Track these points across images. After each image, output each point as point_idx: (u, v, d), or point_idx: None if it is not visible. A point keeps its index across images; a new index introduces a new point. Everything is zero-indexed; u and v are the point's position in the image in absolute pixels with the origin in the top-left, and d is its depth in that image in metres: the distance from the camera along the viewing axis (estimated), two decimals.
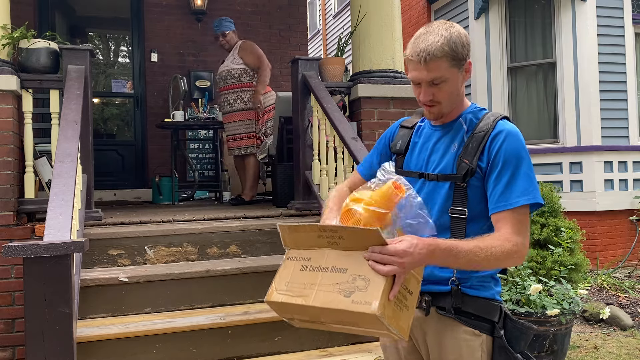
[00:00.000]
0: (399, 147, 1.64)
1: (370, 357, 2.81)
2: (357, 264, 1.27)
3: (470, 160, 1.44)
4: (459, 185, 1.46)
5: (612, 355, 3.72)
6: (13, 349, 3.23)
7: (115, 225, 3.54)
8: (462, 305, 1.45)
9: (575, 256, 3.84)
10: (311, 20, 13.50)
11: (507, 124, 1.48)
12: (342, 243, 1.30)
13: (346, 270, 1.28)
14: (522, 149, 1.45)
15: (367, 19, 4.14)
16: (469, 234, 1.45)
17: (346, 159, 3.44)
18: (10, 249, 2.01)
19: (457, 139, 1.51)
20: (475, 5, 6.91)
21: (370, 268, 1.25)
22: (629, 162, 6.36)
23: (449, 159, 1.50)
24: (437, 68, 1.42)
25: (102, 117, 7.05)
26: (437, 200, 1.49)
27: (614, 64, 6.37)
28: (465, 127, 1.51)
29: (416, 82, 1.48)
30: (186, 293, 3.05)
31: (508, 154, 1.42)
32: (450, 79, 1.45)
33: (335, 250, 1.31)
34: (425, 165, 1.55)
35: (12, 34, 3.43)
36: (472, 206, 1.46)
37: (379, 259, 1.24)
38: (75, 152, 2.79)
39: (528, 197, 1.40)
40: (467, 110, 1.55)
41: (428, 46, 1.41)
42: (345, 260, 1.29)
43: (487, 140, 1.45)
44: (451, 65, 1.43)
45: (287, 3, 7.40)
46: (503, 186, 1.41)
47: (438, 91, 1.46)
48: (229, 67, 4.92)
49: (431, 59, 1.41)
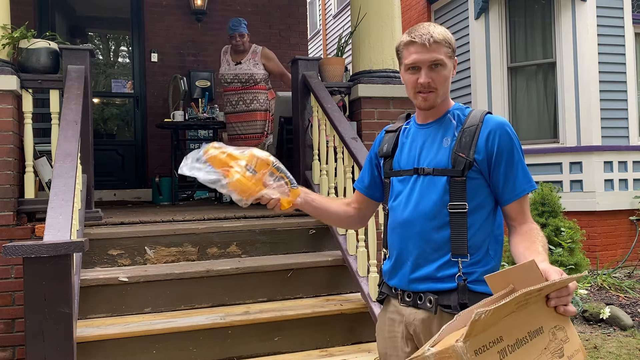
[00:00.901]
0: (386, 150, 1.67)
1: (370, 357, 2.81)
2: (544, 316, 1.12)
3: (467, 154, 1.48)
4: (456, 180, 1.48)
5: (612, 355, 3.72)
6: (13, 349, 3.23)
7: (115, 225, 3.54)
8: (468, 302, 1.45)
9: (575, 256, 3.84)
10: (311, 20, 13.50)
11: (496, 116, 1.55)
12: (533, 299, 1.10)
13: (542, 328, 1.11)
14: (516, 138, 1.54)
15: (367, 19, 4.14)
16: (471, 226, 1.47)
17: (346, 159, 3.44)
18: (10, 249, 2.01)
19: (449, 134, 1.54)
20: (475, 5, 6.91)
21: (555, 313, 1.14)
22: (629, 162, 6.36)
23: (443, 154, 1.52)
24: (439, 50, 1.51)
25: (102, 117, 7.05)
26: (433, 194, 1.50)
27: (614, 64, 6.37)
28: (454, 122, 1.55)
29: (416, 66, 1.52)
30: (186, 293, 3.05)
31: (509, 146, 1.49)
32: (447, 65, 1.53)
33: (519, 312, 1.07)
34: (417, 161, 1.56)
35: (12, 34, 3.43)
36: (470, 199, 1.48)
37: (568, 301, 1.17)
38: (75, 152, 2.80)
39: (531, 183, 1.52)
40: (453, 107, 1.60)
41: (430, 31, 1.51)
42: (533, 318, 1.10)
43: (479, 133, 1.50)
44: (448, 53, 1.53)
45: (287, 3, 7.40)
46: (513, 177, 1.49)
47: (436, 76, 1.52)
48: (252, 71, 4.98)
49: (434, 41, 1.50)
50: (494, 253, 1.52)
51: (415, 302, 1.52)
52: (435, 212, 1.49)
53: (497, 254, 1.53)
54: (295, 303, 3.13)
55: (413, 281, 1.53)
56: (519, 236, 1.47)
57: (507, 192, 1.50)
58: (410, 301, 1.54)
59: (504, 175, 1.49)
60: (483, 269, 1.47)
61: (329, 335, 3.00)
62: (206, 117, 5.82)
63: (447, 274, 1.48)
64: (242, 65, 4.99)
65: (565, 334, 1.13)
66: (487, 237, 1.51)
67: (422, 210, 1.51)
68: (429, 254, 1.50)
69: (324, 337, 2.99)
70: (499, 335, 1.01)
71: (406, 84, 1.58)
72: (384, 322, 1.64)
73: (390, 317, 1.61)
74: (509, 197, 1.49)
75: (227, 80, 5.03)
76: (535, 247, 1.40)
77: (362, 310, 3.05)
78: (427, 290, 1.49)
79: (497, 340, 1.01)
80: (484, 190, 1.51)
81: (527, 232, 1.46)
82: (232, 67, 5.03)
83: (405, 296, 1.55)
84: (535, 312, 1.10)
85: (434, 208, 1.49)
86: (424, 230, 1.51)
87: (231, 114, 5.12)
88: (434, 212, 1.49)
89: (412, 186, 1.54)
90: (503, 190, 1.50)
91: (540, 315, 1.11)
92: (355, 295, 3.26)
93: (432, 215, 1.50)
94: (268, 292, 3.20)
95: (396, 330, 1.58)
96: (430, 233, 1.50)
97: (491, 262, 1.50)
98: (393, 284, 1.60)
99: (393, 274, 1.60)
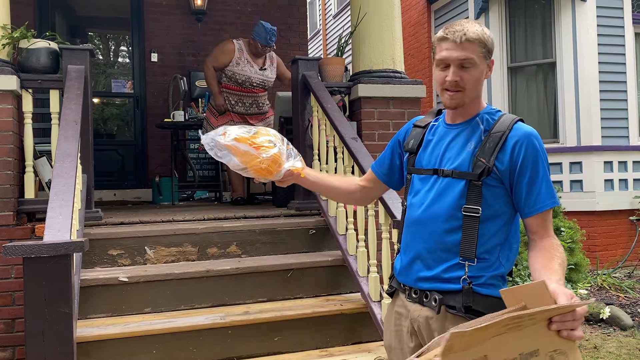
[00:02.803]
0: (411, 145, 1.65)
1: (370, 357, 2.81)
2: (544, 339, 1.09)
3: (487, 160, 1.46)
4: (474, 184, 1.47)
5: (612, 355, 3.72)
6: (13, 349, 3.22)
7: (115, 225, 3.54)
8: (472, 304, 1.45)
9: (575, 256, 3.84)
10: (311, 20, 13.50)
11: (525, 126, 1.51)
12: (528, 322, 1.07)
13: (538, 351, 1.08)
14: (543, 150, 1.50)
15: (367, 19, 4.14)
16: (483, 234, 1.46)
17: (346, 159, 3.44)
18: (10, 249, 2.01)
19: (474, 138, 1.51)
20: (475, 5, 6.92)
21: (559, 337, 1.11)
22: (629, 162, 6.36)
23: (465, 157, 1.50)
24: (471, 49, 1.47)
25: (102, 117, 7.05)
26: (449, 197, 1.50)
27: (614, 63, 6.37)
28: (482, 127, 1.52)
29: (445, 64, 1.50)
30: (186, 293, 3.05)
31: (535, 158, 1.46)
32: (479, 66, 1.49)
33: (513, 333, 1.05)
34: (439, 162, 1.55)
35: (12, 34, 3.42)
36: (486, 206, 1.46)
37: (574, 326, 1.13)
38: (75, 152, 2.80)
39: (553, 199, 1.48)
40: (483, 111, 1.56)
41: (465, 28, 1.48)
42: (528, 340, 1.07)
43: (504, 140, 1.47)
44: (481, 53, 1.49)
45: (287, 3, 7.40)
46: (537, 191, 1.46)
47: (466, 75, 1.49)
48: (269, 77, 4.99)
49: (467, 39, 1.47)
50: (505, 260, 1.50)
51: (421, 300, 1.53)
52: (449, 215, 1.48)
53: (508, 261, 1.52)
54: (295, 303, 3.13)
55: (420, 279, 1.53)
56: (538, 251, 1.44)
57: (528, 206, 1.46)
58: (416, 298, 1.54)
59: (527, 188, 1.46)
60: (492, 274, 1.47)
61: (329, 335, 3.00)
62: None
63: (453, 276, 1.47)
64: (267, 72, 4.94)
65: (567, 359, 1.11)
66: (500, 244, 1.49)
67: (437, 211, 1.51)
68: (439, 255, 1.50)
69: (324, 337, 2.99)
70: (483, 355, 1.01)
71: (435, 80, 1.57)
72: (391, 316, 1.65)
73: (397, 310, 1.62)
74: (530, 211, 1.46)
75: (253, 84, 4.86)
76: (552, 264, 1.37)
77: (362, 310, 3.05)
78: (433, 289, 1.49)
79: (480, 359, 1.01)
80: (501, 199, 1.48)
81: (547, 247, 1.43)
82: (256, 70, 4.88)
83: (412, 292, 1.56)
84: (533, 334, 1.08)
85: (448, 210, 1.49)
86: (437, 231, 1.50)
87: (252, 114, 5.00)
88: (449, 214, 1.48)
89: (431, 186, 1.54)
90: (525, 203, 1.47)
91: (539, 338, 1.09)
92: (356, 295, 3.26)
93: (446, 217, 1.49)
94: (268, 292, 3.20)
95: (402, 324, 1.60)
96: (442, 235, 1.50)
97: (500, 269, 1.49)
98: (402, 280, 1.61)
99: (403, 270, 1.60)
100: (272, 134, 1.67)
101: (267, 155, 1.61)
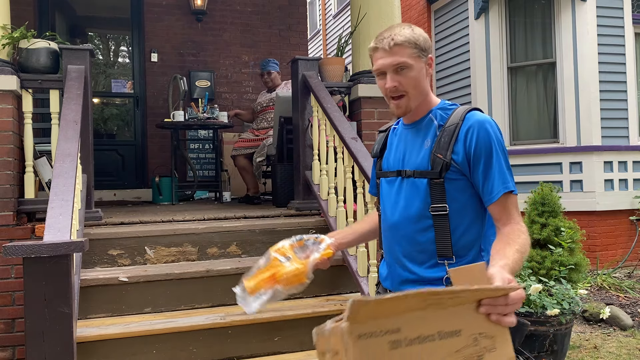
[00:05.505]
0: (375, 150, 1.68)
1: None
2: (470, 320, 1.05)
3: (444, 155, 1.46)
4: (435, 182, 1.46)
5: (612, 355, 3.72)
6: (13, 349, 3.23)
7: (115, 225, 3.54)
8: None
9: (575, 256, 3.84)
10: (311, 20, 13.50)
11: (478, 114, 1.49)
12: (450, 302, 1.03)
13: (460, 331, 1.04)
14: (497, 136, 1.47)
15: (367, 19, 4.14)
16: (455, 229, 1.46)
17: (346, 159, 3.44)
18: (10, 249, 2.01)
19: (430, 135, 1.52)
20: (475, 5, 6.91)
21: (488, 322, 1.07)
22: (629, 162, 6.36)
23: (423, 155, 1.50)
24: (401, 53, 1.47)
25: (102, 117, 7.05)
26: (416, 198, 1.50)
27: (614, 64, 6.37)
28: (436, 123, 1.52)
29: (382, 72, 1.51)
30: (186, 293, 3.05)
31: (488, 144, 1.44)
32: (415, 67, 1.48)
33: (435, 311, 1.01)
34: (401, 164, 1.56)
35: (12, 34, 3.43)
36: (452, 200, 1.46)
37: (506, 311, 1.07)
38: (75, 152, 2.80)
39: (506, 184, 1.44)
40: (437, 107, 1.56)
41: (393, 34, 1.49)
42: (452, 319, 1.03)
43: (458, 132, 1.46)
44: (414, 54, 1.48)
45: (287, 3, 7.39)
46: (492, 177, 1.44)
47: (403, 79, 1.49)
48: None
49: (395, 44, 1.47)
50: (487, 254, 1.49)
51: None
52: (418, 215, 1.48)
53: (489, 254, 1.50)
54: (295, 303, 3.13)
55: (403, 282, 1.53)
56: (499, 237, 1.42)
57: (486, 193, 1.45)
58: None
59: (483, 175, 1.44)
60: None
61: None
62: (206, 117, 5.82)
63: (435, 277, 1.47)
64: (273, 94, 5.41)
65: (493, 343, 1.06)
66: (477, 238, 1.49)
67: (407, 214, 1.51)
68: (416, 256, 1.50)
69: None
70: (397, 327, 0.97)
71: (381, 91, 1.56)
72: None
73: None
74: (488, 198, 1.44)
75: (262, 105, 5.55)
76: (506, 250, 1.33)
77: None
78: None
79: (393, 330, 0.97)
80: (467, 191, 1.47)
81: (507, 233, 1.40)
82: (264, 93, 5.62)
83: None
84: (457, 314, 1.03)
85: (417, 211, 1.49)
86: (410, 233, 1.50)
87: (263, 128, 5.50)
88: (418, 215, 1.48)
89: (398, 188, 1.54)
90: (483, 191, 1.45)
91: (463, 319, 1.04)
92: (355, 295, 3.26)
93: (416, 218, 1.49)
94: None
95: None
96: (415, 236, 1.50)
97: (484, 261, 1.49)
98: (387, 285, 1.62)
99: (386, 275, 1.61)
100: (272, 255, 1.63)
101: (285, 277, 1.57)
